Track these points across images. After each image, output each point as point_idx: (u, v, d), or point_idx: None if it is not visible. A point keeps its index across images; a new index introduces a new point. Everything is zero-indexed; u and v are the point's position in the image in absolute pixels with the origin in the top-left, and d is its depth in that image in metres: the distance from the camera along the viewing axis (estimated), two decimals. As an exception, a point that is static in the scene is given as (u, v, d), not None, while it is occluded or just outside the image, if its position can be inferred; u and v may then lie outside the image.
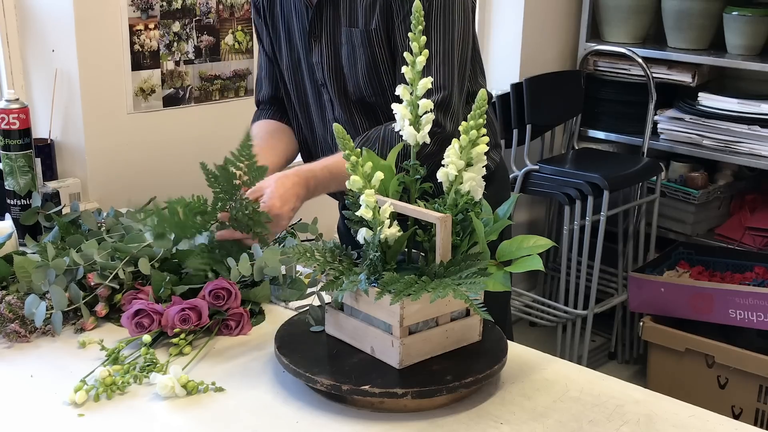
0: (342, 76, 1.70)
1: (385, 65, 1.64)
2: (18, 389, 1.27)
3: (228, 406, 1.21)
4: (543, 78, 3.17)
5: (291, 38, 1.77)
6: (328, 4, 1.67)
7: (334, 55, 1.69)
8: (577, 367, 1.35)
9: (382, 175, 1.22)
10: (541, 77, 3.16)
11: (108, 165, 2.21)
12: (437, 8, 1.57)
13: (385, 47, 1.63)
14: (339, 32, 1.67)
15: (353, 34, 1.65)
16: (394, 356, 1.21)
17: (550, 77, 3.23)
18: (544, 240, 1.24)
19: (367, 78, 1.66)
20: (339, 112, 1.73)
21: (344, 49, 1.67)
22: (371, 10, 1.62)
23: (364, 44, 1.64)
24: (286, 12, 1.76)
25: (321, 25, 1.69)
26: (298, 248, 1.27)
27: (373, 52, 1.64)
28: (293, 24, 1.75)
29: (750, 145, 2.97)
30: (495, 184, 1.84)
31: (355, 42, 1.65)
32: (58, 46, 2.13)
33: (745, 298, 2.69)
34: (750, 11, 3.01)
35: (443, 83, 1.57)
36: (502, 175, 1.89)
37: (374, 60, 1.64)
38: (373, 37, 1.63)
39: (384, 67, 1.65)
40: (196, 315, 1.38)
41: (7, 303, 1.41)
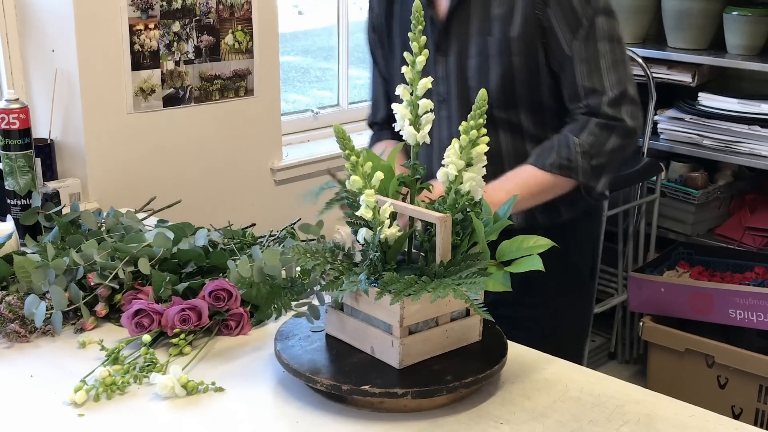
0: (467, 89, 1.65)
1: (521, 75, 1.61)
2: (18, 389, 1.27)
3: (228, 406, 1.21)
4: (543, 78, 3.17)
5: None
6: (457, 18, 1.63)
7: (460, 68, 1.65)
8: (577, 367, 1.35)
9: (382, 175, 1.22)
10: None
11: (108, 165, 2.21)
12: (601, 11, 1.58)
13: (523, 56, 1.60)
14: (469, 44, 1.63)
15: (488, 44, 1.61)
16: (394, 356, 1.21)
17: (550, 77, 3.22)
18: (545, 240, 1.24)
19: (500, 88, 1.61)
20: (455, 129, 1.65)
21: (473, 61, 1.63)
22: (509, 17, 1.59)
23: (500, 53, 1.60)
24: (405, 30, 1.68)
25: (449, 39, 1.65)
26: (298, 248, 1.27)
27: (510, 62, 1.60)
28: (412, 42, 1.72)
29: (750, 145, 2.97)
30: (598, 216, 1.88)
31: (489, 52, 1.61)
32: (58, 46, 2.13)
33: (745, 298, 2.68)
34: (750, 11, 3.00)
35: (625, 81, 1.58)
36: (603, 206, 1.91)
37: (510, 69, 1.60)
38: (513, 45, 1.59)
39: (519, 77, 1.61)
40: (196, 315, 1.38)
41: (7, 303, 1.41)
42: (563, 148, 1.57)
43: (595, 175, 1.59)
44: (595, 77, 1.58)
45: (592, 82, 1.58)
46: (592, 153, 1.56)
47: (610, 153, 1.58)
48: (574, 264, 1.78)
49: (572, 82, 1.59)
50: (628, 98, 1.59)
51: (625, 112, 1.58)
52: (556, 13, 1.57)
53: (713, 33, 3.16)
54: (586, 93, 1.58)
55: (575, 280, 1.80)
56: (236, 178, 2.53)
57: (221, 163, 2.47)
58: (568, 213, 1.72)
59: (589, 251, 1.83)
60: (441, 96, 1.69)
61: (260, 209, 2.59)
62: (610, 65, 1.58)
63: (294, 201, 2.72)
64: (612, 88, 1.57)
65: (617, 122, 1.57)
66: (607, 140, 1.57)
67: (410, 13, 1.66)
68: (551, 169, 1.56)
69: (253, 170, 2.58)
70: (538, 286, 1.68)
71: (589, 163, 1.56)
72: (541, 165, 1.57)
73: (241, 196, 2.56)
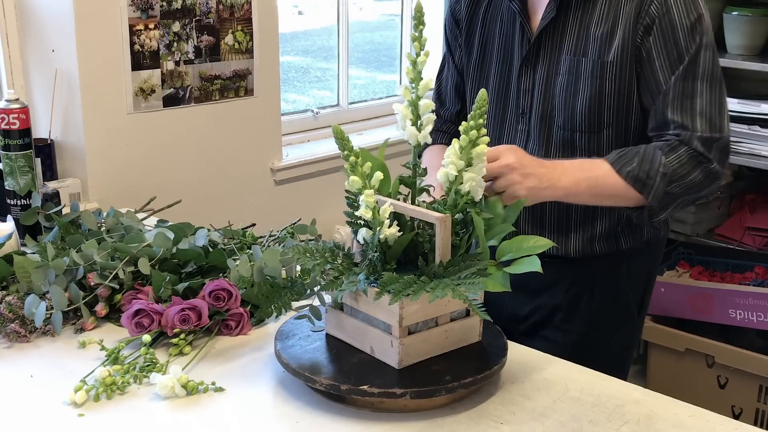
0: (552, 107, 1.59)
1: (610, 100, 1.55)
2: (18, 389, 1.27)
3: (228, 406, 1.21)
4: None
5: (486, 59, 1.68)
6: (551, 33, 1.58)
7: (547, 85, 1.59)
8: (577, 367, 1.35)
9: (381, 175, 1.23)
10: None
11: (108, 165, 2.21)
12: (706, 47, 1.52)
13: (616, 81, 1.53)
14: (559, 61, 1.58)
15: (581, 64, 1.55)
16: (393, 356, 1.21)
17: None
18: (544, 240, 1.24)
19: (587, 111, 1.56)
20: (534, 144, 1.62)
21: (563, 79, 1.57)
22: (608, 39, 1.53)
23: (594, 75, 1.54)
24: (486, 30, 1.68)
25: (539, 51, 1.59)
26: (297, 248, 1.27)
27: (601, 85, 1.54)
28: (494, 45, 1.66)
29: (750, 145, 2.96)
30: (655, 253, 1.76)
31: (581, 72, 1.55)
32: (58, 46, 2.13)
33: (745, 298, 2.69)
34: (750, 11, 3.00)
35: (720, 125, 1.51)
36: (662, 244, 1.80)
37: (600, 94, 1.54)
38: (607, 70, 1.53)
39: (609, 102, 1.55)
40: (196, 315, 1.38)
41: (7, 303, 1.41)
42: (647, 162, 1.49)
43: (665, 202, 1.51)
44: (687, 115, 1.50)
45: (683, 119, 1.50)
46: (673, 178, 1.49)
47: (688, 186, 1.50)
48: (623, 296, 1.70)
49: (662, 115, 1.52)
50: (720, 143, 1.51)
51: (715, 156, 1.50)
52: (657, 43, 1.50)
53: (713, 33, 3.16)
54: (675, 127, 1.51)
55: (622, 314, 1.72)
56: (236, 178, 2.53)
57: (221, 163, 2.47)
58: (627, 243, 1.66)
59: (641, 285, 1.74)
60: (521, 109, 1.63)
61: (260, 209, 2.59)
62: (705, 106, 1.50)
63: (294, 201, 2.72)
64: (703, 129, 1.49)
65: (705, 160, 1.49)
66: (691, 172, 1.49)
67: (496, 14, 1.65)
68: (626, 177, 1.48)
69: (253, 170, 2.58)
70: (582, 314, 1.67)
71: (665, 188, 1.49)
72: (618, 168, 1.49)
73: (241, 196, 2.56)
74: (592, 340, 1.67)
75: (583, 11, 1.55)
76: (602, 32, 1.53)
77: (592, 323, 1.68)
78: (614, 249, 1.64)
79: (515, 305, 1.72)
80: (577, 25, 1.56)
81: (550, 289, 1.68)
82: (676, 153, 1.49)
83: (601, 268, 1.66)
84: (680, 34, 1.50)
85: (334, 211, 2.12)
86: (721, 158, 1.51)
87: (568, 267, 1.66)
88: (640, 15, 1.50)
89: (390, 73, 3.51)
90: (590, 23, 1.54)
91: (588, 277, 1.66)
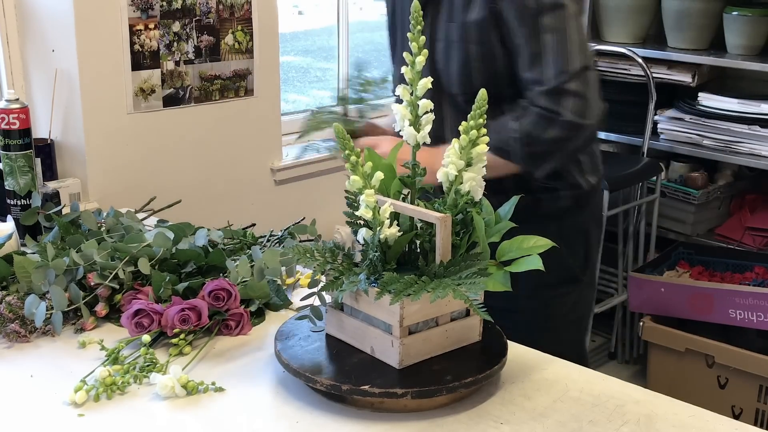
0: (436, 73, 1.67)
1: (477, 63, 1.63)
2: (18, 389, 1.27)
3: (228, 406, 1.21)
4: (543, 78, 3.17)
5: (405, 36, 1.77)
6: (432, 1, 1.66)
7: (431, 50, 1.66)
8: (577, 367, 1.35)
9: (382, 175, 1.22)
10: (541, 77, 3.16)
11: (108, 165, 2.21)
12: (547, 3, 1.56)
13: (480, 45, 1.61)
14: (438, 27, 1.66)
15: (450, 29, 1.64)
16: (393, 356, 1.21)
17: (550, 77, 3.22)
18: (544, 240, 1.25)
19: (460, 75, 1.64)
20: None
21: (440, 45, 1.66)
22: (469, 4, 1.61)
23: (459, 39, 1.62)
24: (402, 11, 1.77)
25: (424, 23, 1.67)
26: (297, 248, 1.27)
27: (468, 48, 1.62)
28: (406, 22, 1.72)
29: (750, 145, 2.97)
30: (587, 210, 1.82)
31: (450, 37, 1.64)
32: (58, 46, 2.13)
33: (745, 298, 2.68)
34: (750, 11, 3.00)
35: (558, 72, 1.56)
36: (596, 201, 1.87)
37: (468, 57, 1.63)
38: (470, 33, 1.61)
39: (477, 66, 1.63)
40: (195, 315, 1.38)
41: (7, 303, 1.41)
42: (500, 131, 1.57)
43: (534, 162, 1.60)
44: (535, 68, 1.57)
45: (534, 73, 1.58)
46: (529, 140, 1.57)
47: (549, 143, 1.58)
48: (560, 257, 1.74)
49: (519, 73, 1.60)
50: (569, 92, 1.56)
51: (565, 106, 1.56)
52: (506, 2, 1.58)
53: (713, 33, 3.16)
54: (527, 83, 1.59)
55: (565, 275, 1.77)
56: (236, 178, 2.53)
57: (221, 163, 2.47)
58: (549, 203, 1.72)
59: (580, 246, 1.81)
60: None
61: (260, 209, 2.59)
62: (554, 57, 1.57)
63: (294, 201, 2.72)
64: (551, 80, 1.56)
65: (554, 114, 1.56)
66: (545, 130, 1.57)
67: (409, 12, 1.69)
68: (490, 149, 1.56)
69: (253, 170, 2.58)
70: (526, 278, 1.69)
71: (524, 149, 1.57)
72: None
73: (241, 196, 2.56)
74: (543, 301, 1.73)
75: None
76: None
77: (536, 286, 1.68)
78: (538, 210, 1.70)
79: None
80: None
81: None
82: (527, 116, 1.57)
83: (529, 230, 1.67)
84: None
85: (334, 211, 2.12)
86: (577, 107, 1.55)
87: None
88: None
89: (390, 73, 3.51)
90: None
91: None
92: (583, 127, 1.58)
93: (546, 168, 1.62)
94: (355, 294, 1.25)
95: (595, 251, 1.87)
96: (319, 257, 1.26)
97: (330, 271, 1.25)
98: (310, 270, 1.37)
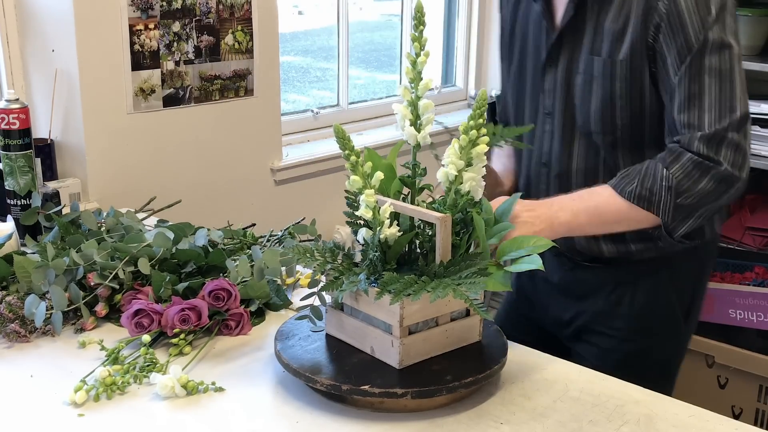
0: (572, 107, 1.55)
1: (622, 101, 1.48)
2: (18, 389, 1.27)
3: (228, 406, 1.21)
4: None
5: (523, 61, 1.65)
6: (572, 29, 1.53)
7: (567, 83, 1.55)
8: (577, 367, 1.35)
9: (382, 175, 1.22)
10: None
11: (108, 165, 2.21)
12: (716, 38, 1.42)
13: (627, 82, 1.47)
14: (578, 60, 1.53)
15: (592, 63, 1.50)
16: (393, 356, 1.21)
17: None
18: (545, 240, 1.24)
19: (600, 111, 1.50)
20: (557, 145, 1.60)
21: (579, 78, 1.53)
22: (620, 38, 1.46)
23: (605, 74, 1.48)
24: (523, 34, 1.65)
25: (560, 51, 1.56)
26: (297, 248, 1.27)
27: (612, 84, 1.48)
28: (529, 47, 1.64)
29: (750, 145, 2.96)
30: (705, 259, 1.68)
31: (594, 72, 1.50)
32: (58, 46, 2.13)
33: (745, 298, 2.68)
34: (750, 11, 3.00)
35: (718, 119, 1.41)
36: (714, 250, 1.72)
37: (612, 94, 1.49)
38: (618, 69, 1.47)
39: (620, 103, 1.49)
40: (195, 315, 1.38)
41: (7, 303, 1.41)
42: (648, 178, 1.41)
43: (679, 216, 1.42)
44: (692, 111, 1.41)
45: (690, 116, 1.41)
46: (680, 190, 1.40)
47: (700, 195, 1.41)
48: (666, 303, 1.64)
49: (670, 114, 1.45)
50: (729, 141, 1.41)
51: (724, 156, 1.40)
52: (667, 38, 1.42)
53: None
54: (680, 126, 1.43)
55: (666, 322, 1.65)
56: (236, 178, 2.53)
57: (221, 163, 2.47)
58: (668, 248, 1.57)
59: (687, 292, 1.66)
60: (547, 109, 1.60)
61: (260, 209, 2.59)
62: (716, 101, 1.41)
63: (294, 201, 2.72)
64: (711, 125, 1.40)
65: (712, 163, 1.40)
66: (699, 180, 1.40)
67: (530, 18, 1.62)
68: (629, 198, 1.42)
69: (253, 170, 2.58)
70: (624, 319, 1.62)
71: (674, 201, 1.41)
72: (620, 190, 1.43)
73: (241, 196, 2.56)
74: (635, 347, 1.61)
75: (600, 8, 1.50)
76: (615, 30, 1.47)
77: (634, 330, 1.63)
78: (623, 250, 1.59)
79: (559, 309, 1.70)
80: (594, 22, 1.51)
81: (593, 294, 1.65)
82: (680, 162, 1.41)
83: (641, 272, 1.61)
84: (690, 27, 1.40)
85: (334, 211, 2.12)
86: (734, 159, 1.41)
87: (608, 271, 1.62)
88: (649, 13, 1.43)
89: (390, 73, 3.51)
90: (605, 21, 1.49)
91: (629, 282, 1.63)
92: (738, 182, 1.43)
93: (687, 226, 1.44)
94: (355, 294, 1.25)
95: (701, 303, 1.72)
96: (319, 257, 1.26)
97: (330, 271, 1.25)
98: (310, 270, 1.37)
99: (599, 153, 1.55)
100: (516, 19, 1.67)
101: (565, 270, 1.66)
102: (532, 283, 1.75)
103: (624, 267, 1.61)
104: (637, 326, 1.63)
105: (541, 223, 1.38)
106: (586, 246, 1.59)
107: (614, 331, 1.64)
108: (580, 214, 1.43)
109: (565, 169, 1.58)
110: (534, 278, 1.73)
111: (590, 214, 1.43)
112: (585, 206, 1.44)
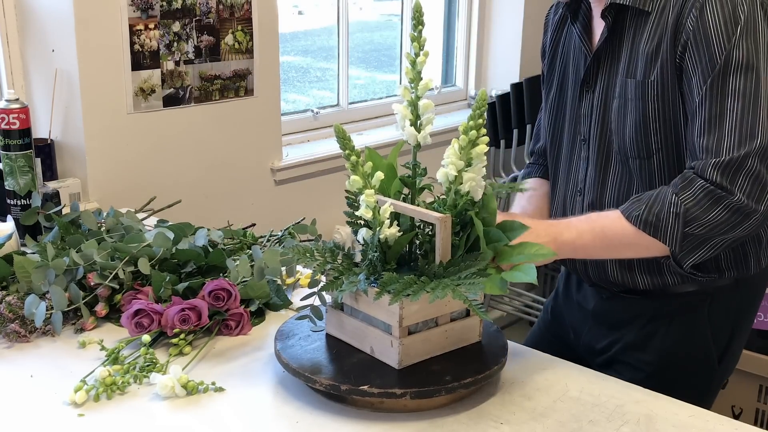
0: (609, 132, 1.49)
1: (656, 125, 1.41)
2: (18, 389, 1.27)
3: (228, 406, 1.21)
4: (543, 78, 3.16)
5: (563, 87, 1.60)
6: (607, 51, 1.47)
7: (604, 108, 1.49)
8: (577, 367, 1.35)
9: (382, 175, 1.22)
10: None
11: (108, 165, 2.21)
12: (740, 59, 1.32)
13: (659, 103, 1.40)
14: (614, 83, 1.47)
15: (627, 85, 1.43)
16: (393, 356, 1.21)
17: (550, 77, 3.22)
18: (546, 249, 1.24)
19: (634, 135, 1.43)
20: (592, 171, 1.54)
21: (615, 102, 1.46)
22: (653, 59, 1.40)
23: (637, 97, 1.42)
24: (564, 58, 1.60)
25: (597, 75, 1.50)
26: (297, 248, 1.27)
27: (644, 107, 1.41)
28: (569, 71, 1.58)
29: None
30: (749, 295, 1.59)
31: (627, 95, 1.43)
32: (58, 46, 2.13)
33: (745, 298, 2.68)
34: None
35: (737, 145, 1.31)
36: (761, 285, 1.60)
37: (644, 116, 1.42)
38: (648, 90, 1.40)
39: (654, 126, 1.41)
40: (195, 315, 1.38)
41: (7, 303, 1.41)
42: (657, 203, 1.35)
43: (688, 246, 1.34)
44: (711, 135, 1.33)
45: (708, 141, 1.33)
46: (688, 218, 1.32)
47: (711, 225, 1.32)
48: (701, 340, 1.55)
49: (691, 138, 1.37)
50: (747, 170, 1.30)
51: (740, 185, 1.30)
52: (693, 56, 1.35)
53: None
54: (698, 151, 1.35)
55: (698, 359, 1.55)
56: (236, 178, 2.53)
57: (221, 163, 2.47)
58: (675, 279, 1.50)
59: (726, 331, 1.56)
60: (583, 136, 1.54)
61: (260, 209, 2.59)
62: (736, 125, 1.31)
63: (294, 201, 2.72)
64: (728, 151, 1.31)
65: (724, 193, 1.31)
66: (710, 210, 1.32)
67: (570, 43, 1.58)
68: (635, 223, 1.35)
69: (253, 170, 2.58)
70: (655, 353, 1.55)
71: (682, 230, 1.33)
72: (627, 214, 1.37)
73: (241, 196, 2.56)
74: (663, 382, 1.49)
75: (635, 30, 1.44)
76: (648, 51, 1.40)
77: (665, 364, 1.55)
78: (658, 283, 1.51)
79: (593, 337, 1.64)
80: (629, 44, 1.44)
81: (627, 325, 1.58)
82: (691, 189, 1.33)
83: (677, 307, 1.54)
84: (714, 47, 1.33)
85: (334, 211, 2.12)
86: (752, 188, 1.30)
87: (644, 303, 1.55)
88: (678, 31, 1.36)
89: (390, 73, 3.51)
90: (640, 42, 1.42)
91: (664, 315, 1.54)
92: (754, 215, 1.31)
93: (697, 257, 1.36)
94: (354, 294, 1.25)
95: (741, 343, 1.61)
96: (319, 257, 1.26)
97: (330, 271, 1.25)
98: (310, 270, 1.37)
99: (633, 181, 1.49)
100: (558, 44, 1.63)
101: (602, 299, 1.60)
102: (568, 306, 1.70)
103: (660, 300, 1.54)
104: (666, 363, 1.55)
105: (546, 237, 1.35)
106: (620, 276, 1.53)
107: (643, 364, 1.57)
108: (584, 234, 1.39)
109: (598, 196, 1.53)
110: (570, 302, 1.69)
111: (595, 235, 1.39)
112: (591, 227, 1.40)
